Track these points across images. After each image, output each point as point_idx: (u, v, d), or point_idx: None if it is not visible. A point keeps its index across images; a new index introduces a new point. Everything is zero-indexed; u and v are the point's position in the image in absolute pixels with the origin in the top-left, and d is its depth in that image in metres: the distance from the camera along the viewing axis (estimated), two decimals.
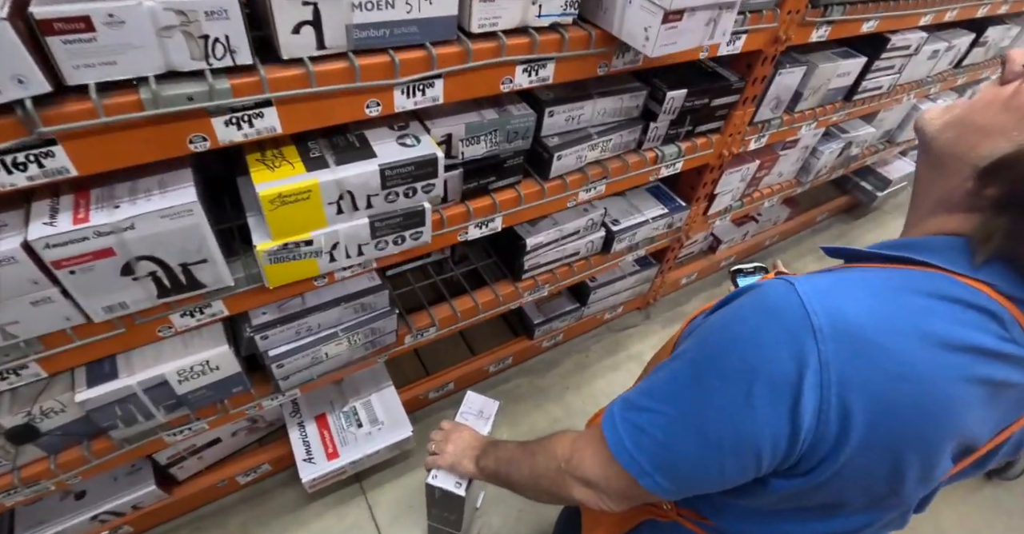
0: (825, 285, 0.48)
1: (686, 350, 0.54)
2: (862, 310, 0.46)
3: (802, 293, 0.47)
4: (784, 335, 0.46)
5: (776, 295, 0.48)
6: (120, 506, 1.17)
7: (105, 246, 0.70)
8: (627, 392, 0.58)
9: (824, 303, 0.46)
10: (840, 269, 0.54)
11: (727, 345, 0.49)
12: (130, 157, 0.67)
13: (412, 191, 0.85)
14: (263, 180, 0.75)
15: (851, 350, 0.44)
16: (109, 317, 0.79)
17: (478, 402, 1.07)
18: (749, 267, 0.93)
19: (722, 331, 0.51)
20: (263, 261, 0.81)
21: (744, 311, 0.50)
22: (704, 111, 1.28)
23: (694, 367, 0.52)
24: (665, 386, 0.54)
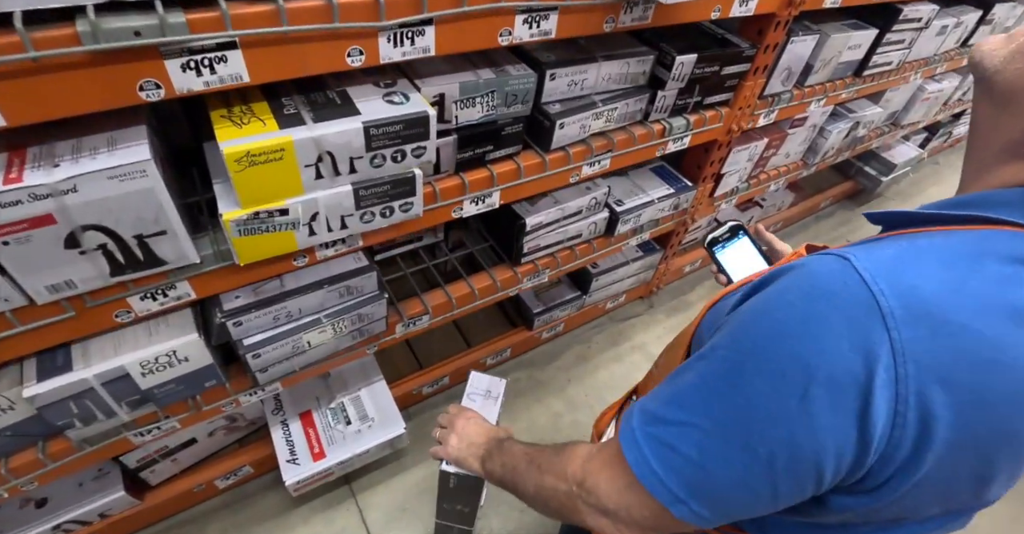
0: (888, 257, 0.40)
1: (716, 346, 0.45)
2: (940, 285, 0.38)
3: (862, 269, 0.39)
4: (844, 323, 0.38)
5: (828, 273, 0.40)
6: (86, 514, 1.07)
7: (43, 212, 0.60)
8: (646, 400, 0.49)
9: (892, 279, 0.38)
10: (896, 237, 0.45)
11: (771, 338, 0.41)
12: (69, 105, 0.57)
13: (401, 155, 0.76)
14: (229, 137, 0.65)
15: (931, 335, 0.37)
16: (55, 298, 0.69)
17: (484, 382, 0.99)
18: (724, 233, 0.81)
19: (762, 321, 0.42)
20: (231, 232, 0.71)
21: (789, 295, 0.41)
22: (714, 80, 1.20)
23: (730, 367, 0.43)
24: (695, 392, 0.45)
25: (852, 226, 2.44)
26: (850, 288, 0.38)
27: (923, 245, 0.41)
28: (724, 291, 0.57)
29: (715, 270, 0.82)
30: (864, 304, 0.38)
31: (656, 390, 0.49)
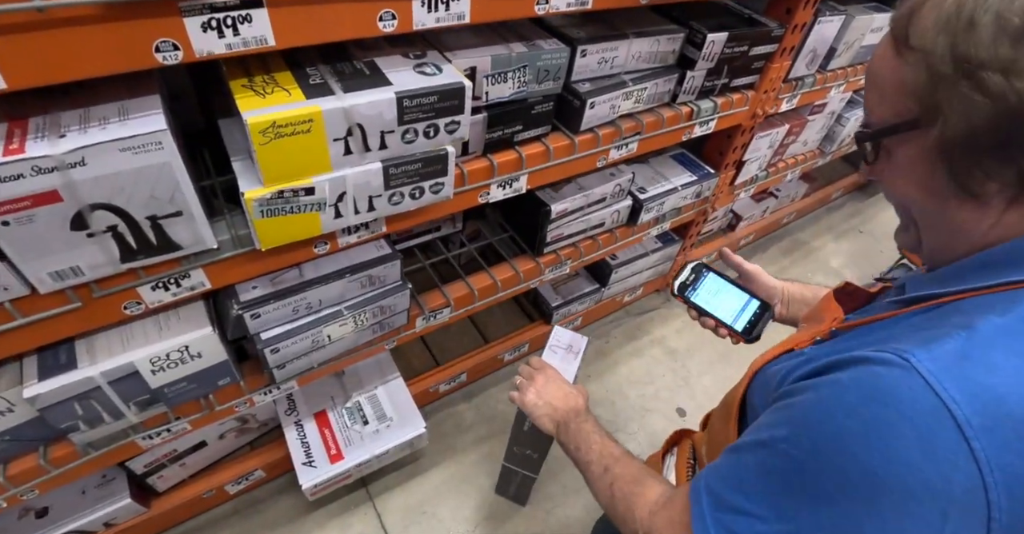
0: (951, 353, 0.37)
1: (774, 439, 0.44)
2: (1015, 379, 0.36)
3: (926, 373, 0.37)
4: (914, 433, 0.36)
5: (891, 379, 0.38)
6: (90, 524, 1.01)
7: (48, 187, 0.54)
8: (712, 477, 0.49)
9: (961, 382, 0.36)
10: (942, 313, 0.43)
11: (833, 443, 0.39)
12: (79, 67, 0.51)
13: (434, 129, 0.70)
14: (252, 107, 0.59)
15: (1017, 437, 0.35)
16: (59, 286, 0.63)
17: (566, 337, 0.99)
18: (689, 275, 0.80)
19: (824, 423, 0.40)
20: (253, 214, 0.65)
21: (850, 396, 0.39)
22: (742, 61, 1.16)
23: (795, 466, 0.41)
24: (758, 483, 0.44)
25: (863, 217, 2.41)
26: (916, 395, 0.36)
27: (982, 331, 0.39)
28: (767, 357, 0.57)
29: (696, 315, 0.80)
30: (934, 412, 0.36)
31: (719, 468, 0.49)
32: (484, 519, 1.25)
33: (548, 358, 0.93)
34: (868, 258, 2.17)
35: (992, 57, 0.37)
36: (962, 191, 0.42)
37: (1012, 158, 0.39)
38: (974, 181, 0.41)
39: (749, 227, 2.02)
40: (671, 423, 1.50)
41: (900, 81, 0.43)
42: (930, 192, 0.45)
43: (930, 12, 0.40)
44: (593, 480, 0.68)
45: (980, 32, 0.38)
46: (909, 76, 0.42)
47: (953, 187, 0.42)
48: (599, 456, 0.69)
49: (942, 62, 0.39)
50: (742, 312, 0.76)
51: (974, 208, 0.43)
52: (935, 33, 0.40)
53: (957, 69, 0.39)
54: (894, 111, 0.44)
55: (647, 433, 1.47)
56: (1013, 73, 0.37)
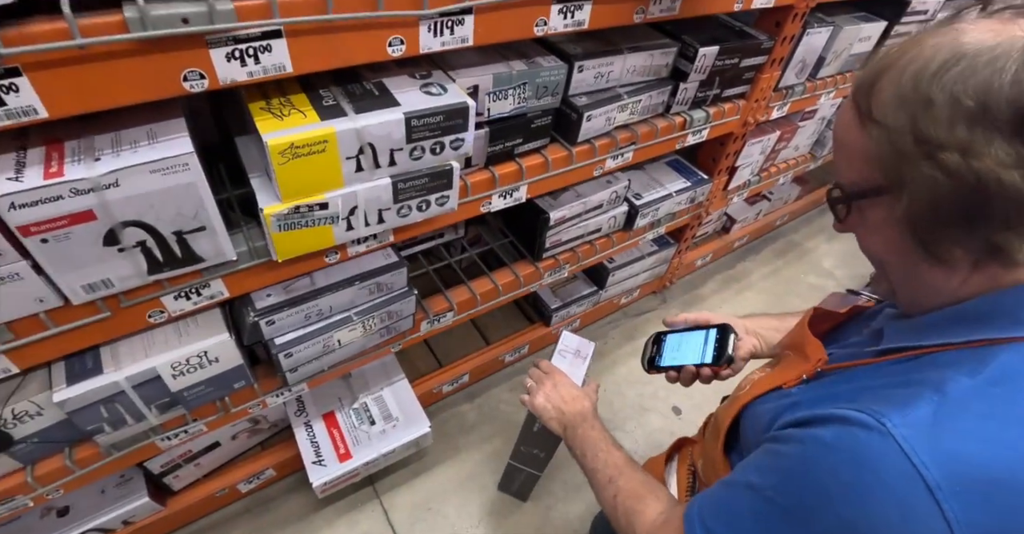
0: (924, 419, 0.40)
1: (763, 485, 0.47)
2: (985, 444, 0.39)
3: (900, 439, 0.39)
4: (890, 495, 0.39)
5: (869, 443, 0.40)
6: (109, 522, 1.04)
7: (84, 207, 0.59)
8: (705, 509, 0.52)
9: (932, 448, 0.38)
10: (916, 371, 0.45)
11: (817, 499, 0.42)
12: (113, 96, 0.55)
13: (440, 147, 0.75)
14: (271, 129, 0.64)
15: (984, 501, 0.37)
16: (91, 298, 0.67)
17: (574, 342, 1.04)
18: (651, 348, 0.83)
19: (806, 478, 0.43)
20: (272, 228, 0.70)
21: (832, 457, 0.42)
22: (733, 72, 1.20)
23: (780, 512, 0.45)
24: (748, 524, 0.47)
25: None
26: (892, 461, 0.39)
27: (953, 396, 0.40)
28: (756, 391, 0.59)
29: (675, 377, 0.80)
30: (908, 477, 0.38)
31: (712, 502, 0.52)
32: (487, 515, 1.30)
33: (557, 362, 0.97)
34: (859, 258, 2.18)
35: (949, 138, 0.38)
36: (929, 256, 0.43)
37: (976, 230, 0.40)
38: (941, 248, 0.42)
39: (743, 229, 2.06)
40: (668, 422, 1.54)
41: (865, 150, 0.44)
42: (900, 254, 0.46)
43: (889, 86, 0.41)
44: (598, 488, 0.71)
45: (937, 112, 0.38)
46: (873, 148, 0.43)
47: (920, 252, 0.44)
48: (604, 465, 0.72)
49: (903, 139, 0.40)
50: (706, 346, 0.78)
51: (942, 270, 0.44)
52: (895, 109, 0.41)
53: (918, 147, 0.40)
54: (861, 177, 0.45)
55: (645, 431, 1.51)
56: (971, 154, 0.38)
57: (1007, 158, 0.37)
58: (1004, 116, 0.37)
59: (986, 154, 0.37)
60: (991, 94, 0.37)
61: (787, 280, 2.09)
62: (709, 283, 2.00)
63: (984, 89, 0.37)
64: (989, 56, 0.38)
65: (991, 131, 0.37)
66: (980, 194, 0.38)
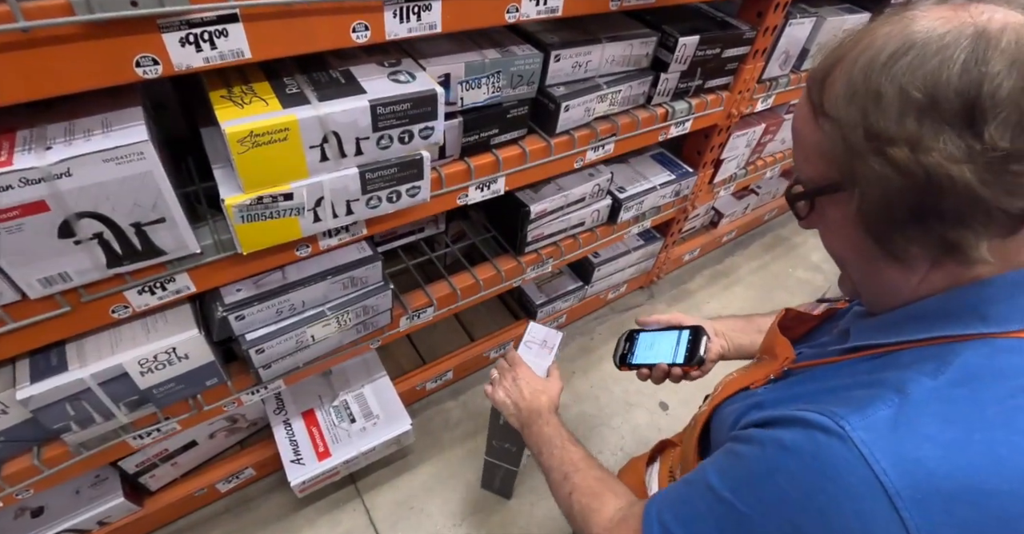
0: (884, 423, 0.38)
1: (722, 487, 0.46)
2: (945, 451, 0.37)
3: (860, 443, 0.38)
4: (848, 502, 0.38)
5: (829, 447, 0.39)
6: (84, 522, 1.03)
7: (35, 198, 0.57)
8: (664, 506, 0.51)
9: (893, 454, 0.37)
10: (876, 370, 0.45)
11: (775, 505, 0.41)
12: (63, 82, 0.54)
13: (408, 135, 0.73)
14: (230, 117, 0.62)
15: (944, 510, 0.36)
16: (48, 292, 0.66)
17: (541, 332, 1.02)
18: (624, 345, 0.84)
19: (765, 483, 0.42)
20: (234, 219, 0.68)
21: (791, 461, 0.41)
22: (715, 63, 1.19)
23: (738, 516, 0.44)
24: (706, 526, 0.46)
25: None
26: (851, 466, 0.38)
27: (914, 397, 0.39)
28: (726, 393, 0.59)
29: (647, 374, 0.81)
30: (868, 484, 0.37)
31: (672, 501, 0.51)
32: (471, 513, 1.29)
33: (523, 353, 0.96)
34: None
35: (899, 132, 0.37)
36: (887, 254, 0.43)
37: (930, 227, 0.39)
38: (897, 247, 0.42)
39: (731, 224, 2.06)
40: (655, 417, 1.53)
41: (819, 145, 0.43)
42: (858, 252, 0.46)
43: (841, 78, 0.40)
44: (553, 487, 0.69)
45: (886, 105, 0.37)
46: (826, 143, 0.42)
47: (878, 250, 0.43)
48: (559, 463, 0.70)
49: (854, 133, 0.39)
50: (678, 346, 0.79)
51: (900, 269, 0.44)
52: (846, 103, 0.40)
53: (868, 142, 0.39)
54: (817, 173, 0.44)
55: (631, 427, 1.50)
56: (920, 149, 0.36)
57: (956, 152, 0.36)
58: (953, 108, 0.36)
59: (935, 148, 0.36)
60: (939, 85, 0.36)
61: (775, 275, 2.08)
62: (697, 278, 1.99)
63: (933, 80, 0.36)
64: (938, 45, 0.36)
65: (940, 124, 0.36)
66: (931, 190, 0.37)
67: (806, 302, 0.72)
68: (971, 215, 0.37)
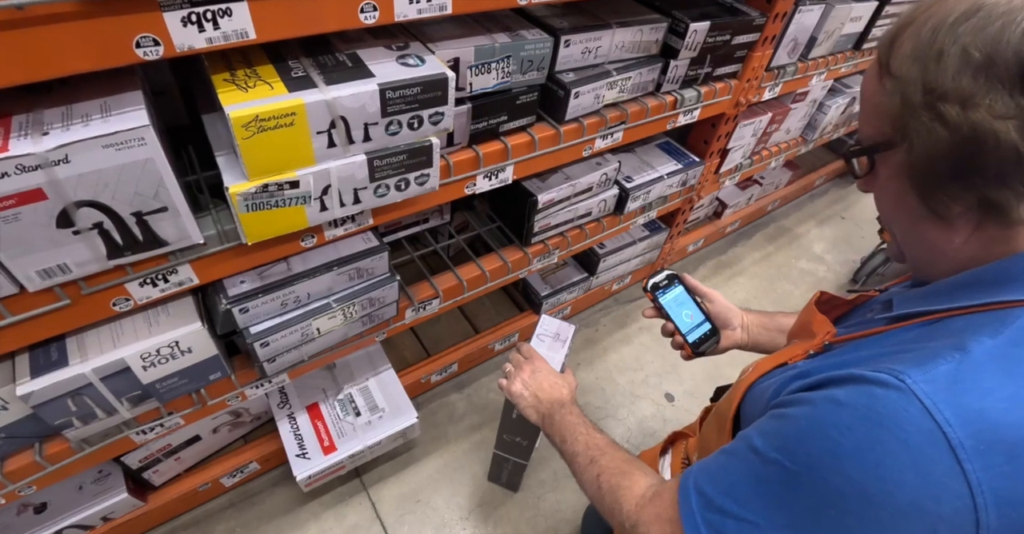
0: (946, 376, 0.38)
1: (767, 448, 0.45)
2: (1008, 403, 0.37)
3: (922, 395, 0.37)
4: (908, 454, 0.37)
5: (888, 401, 0.38)
6: (87, 518, 1.01)
7: (32, 186, 0.54)
8: (702, 477, 0.50)
9: (957, 406, 0.37)
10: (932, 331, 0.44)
11: (826, 459, 0.40)
12: (60, 64, 0.51)
13: (418, 121, 0.71)
14: (235, 101, 0.60)
15: (1007, 462, 0.36)
16: (48, 285, 0.63)
17: (553, 325, 1.01)
18: (663, 279, 0.85)
19: (817, 438, 0.41)
20: (238, 208, 0.66)
21: (845, 414, 0.40)
22: (724, 50, 1.17)
23: (786, 477, 0.43)
24: (750, 490, 0.45)
25: (845, 204, 2.45)
26: (912, 417, 0.37)
27: (974, 353, 0.39)
28: (760, 371, 0.58)
29: (655, 314, 0.86)
30: (929, 435, 0.37)
31: (710, 469, 0.50)
32: (477, 506, 1.28)
33: (536, 346, 0.95)
34: (850, 243, 2.21)
35: (954, 89, 0.39)
36: (930, 212, 0.44)
37: (972, 184, 0.41)
38: (939, 204, 0.43)
39: (735, 214, 2.04)
40: (660, 408, 1.53)
41: (879, 104, 0.45)
42: (904, 210, 0.47)
43: (908, 41, 0.43)
44: (579, 472, 0.68)
45: (946, 63, 0.39)
46: (886, 101, 0.44)
47: (922, 208, 0.45)
48: (585, 447, 0.69)
49: (913, 90, 0.41)
50: (696, 328, 0.83)
51: (942, 228, 0.45)
52: (911, 62, 0.42)
53: (924, 97, 0.41)
54: (875, 131, 0.47)
55: (636, 418, 1.50)
56: (969, 105, 0.38)
57: (1005, 110, 0.37)
58: (1008, 68, 0.37)
59: (983, 105, 0.38)
60: (999, 46, 0.38)
61: (778, 265, 2.07)
62: (701, 269, 1.98)
63: (994, 41, 0.38)
64: (1005, 8, 0.38)
65: (993, 82, 0.38)
66: (974, 146, 0.39)
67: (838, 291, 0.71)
68: (1012, 174, 0.39)
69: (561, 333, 0.99)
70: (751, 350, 0.86)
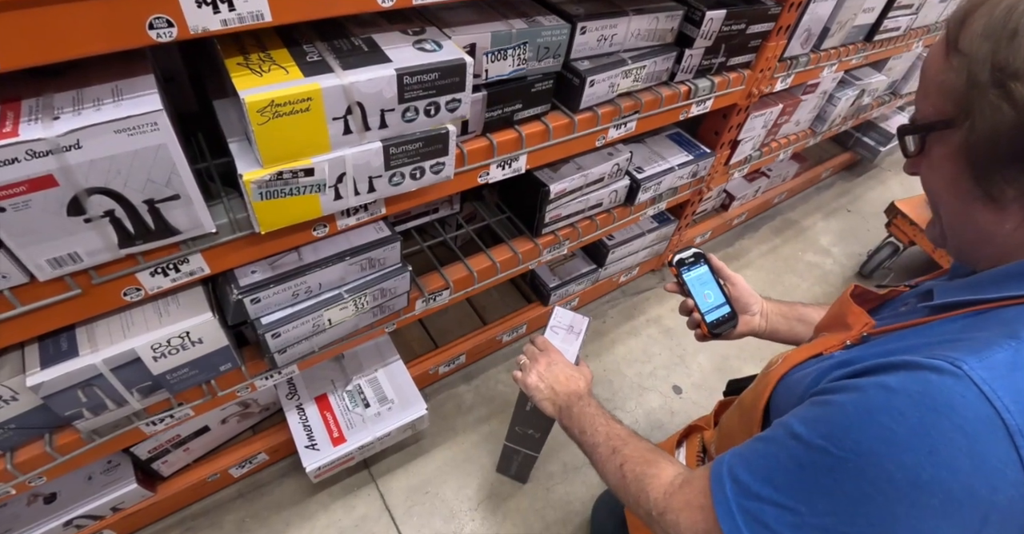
0: (1004, 363, 0.37)
1: (811, 434, 0.44)
2: None
3: (980, 381, 0.37)
4: (964, 440, 0.36)
5: (944, 387, 0.37)
6: (97, 508, 1.01)
7: (43, 172, 0.53)
8: (736, 463, 0.49)
9: (1013, 391, 0.36)
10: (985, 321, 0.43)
11: (878, 444, 0.39)
12: (71, 46, 0.49)
13: (435, 108, 0.69)
14: (250, 85, 0.58)
15: None
16: (58, 274, 0.62)
17: (567, 318, 1.00)
18: (689, 256, 0.85)
19: (867, 424, 0.40)
20: (252, 196, 0.64)
21: (899, 400, 0.39)
22: (739, 39, 1.15)
23: (832, 464, 0.41)
24: (791, 477, 0.44)
25: (851, 197, 2.43)
26: (969, 403, 0.37)
27: None
28: (792, 362, 0.57)
29: (676, 289, 0.85)
30: (987, 421, 0.36)
31: (745, 456, 0.49)
32: (486, 497, 1.28)
33: (549, 338, 0.94)
34: (856, 236, 2.20)
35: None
36: (984, 194, 0.43)
37: None
38: (994, 186, 0.42)
39: (742, 207, 2.03)
40: (668, 400, 1.52)
41: (943, 82, 0.44)
42: (955, 191, 0.46)
43: (980, 19, 0.42)
44: (601, 462, 0.67)
45: (1019, 43, 0.38)
46: (951, 78, 0.43)
47: (976, 190, 0.44)
48: (606, 438, 0.68)
49: (981, 68, 0.41)
50: (715, 309, 0.82)
51: (994, 212, 0.44)
52: (981, 39, 0.41)
53: (992, 75, 0.40)
54: (934, 109, 0.46)
55: (644, 411, 1.49)
56: None
57: None
58: None
59: None
60: None
61: (785, 258, 2.06)
62: None
63: None
64: None
65: None
66: None
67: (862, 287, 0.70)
68: None
69: (575, 325, 0.98)
70: (767, 338, 0.85)
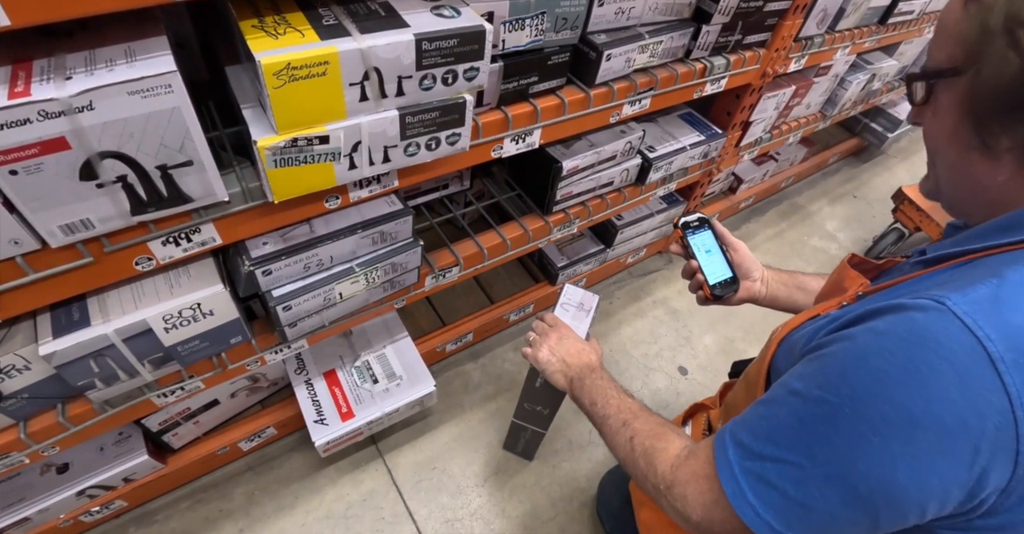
0: (985, 298, 0.39)
1: (808, 387, 0.45)
2: None
3: (962, 314, 0.38)
4: (951, 371, 0.38)
5: (928, 322, 0.38)
6: (109, 479, 1.02)
7: (55, 134, 0.52)
8: (738, 429, 0.50)
9: (996, 322, 0.38)
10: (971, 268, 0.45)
11: (870, 385, 0.40)
12: (83, 3, 0.48)
13: (452, 76, 0.68)
14: (265, 47, 0.57)
15: None
16: (70, 240, 0.61)
17: (577, 295, 1.00)
18: (694, 220, 0.86)
19: (859, 367, 0.42)
20: (267, 163, 0.63)
21: (886, 342, 0.41)
22: (756, 16, 1.13)
23: (829, 411, 0.43)
24: (791, 431, 0.45)
25: (858, 182, 2.42)
26: (953, 335, 0.38)
27: (1012, 278, 0.40)
28: (791, 325, 0.58)
29: (680, 251, 0.87)
30: (970, 350, 0.37)
31: (746, 420, 0.50)
32: (492, 474, 1.29)
33: (560, 315, 0.94)
34: (862, 222, 2.19)
35: None
36: (981, 144, 0.44)
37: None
38: (991, 134, 0.43)
39: (749, 190, 2.01)
40: (674, 382, 1.53)
41: (957, 31, 0.45)
42: (955, 141, 0.47)
43: None
44: (611, 434, 0.67)
45: None
46: (965, 27, 0.44)
47: (974, 140, 0.45)
48: (616, 410, 0.69)
49: (995, 17, 0.41)
50: (718, 273, 0.84)
51: (989, 162, 0.45)
52: None
53: (1004, 23, 0.40)
54: (945, 57, 0.46)
55: (650, 391, 1.50)
56: None
57: None
58: None
59: None
60: None
61: (791, 242, 2.05)
62: None
63: None
64: None
65: None
66: None
67: None
68: None
69: (585, 303, 0.98)
70: (767, 305, 0.86)
